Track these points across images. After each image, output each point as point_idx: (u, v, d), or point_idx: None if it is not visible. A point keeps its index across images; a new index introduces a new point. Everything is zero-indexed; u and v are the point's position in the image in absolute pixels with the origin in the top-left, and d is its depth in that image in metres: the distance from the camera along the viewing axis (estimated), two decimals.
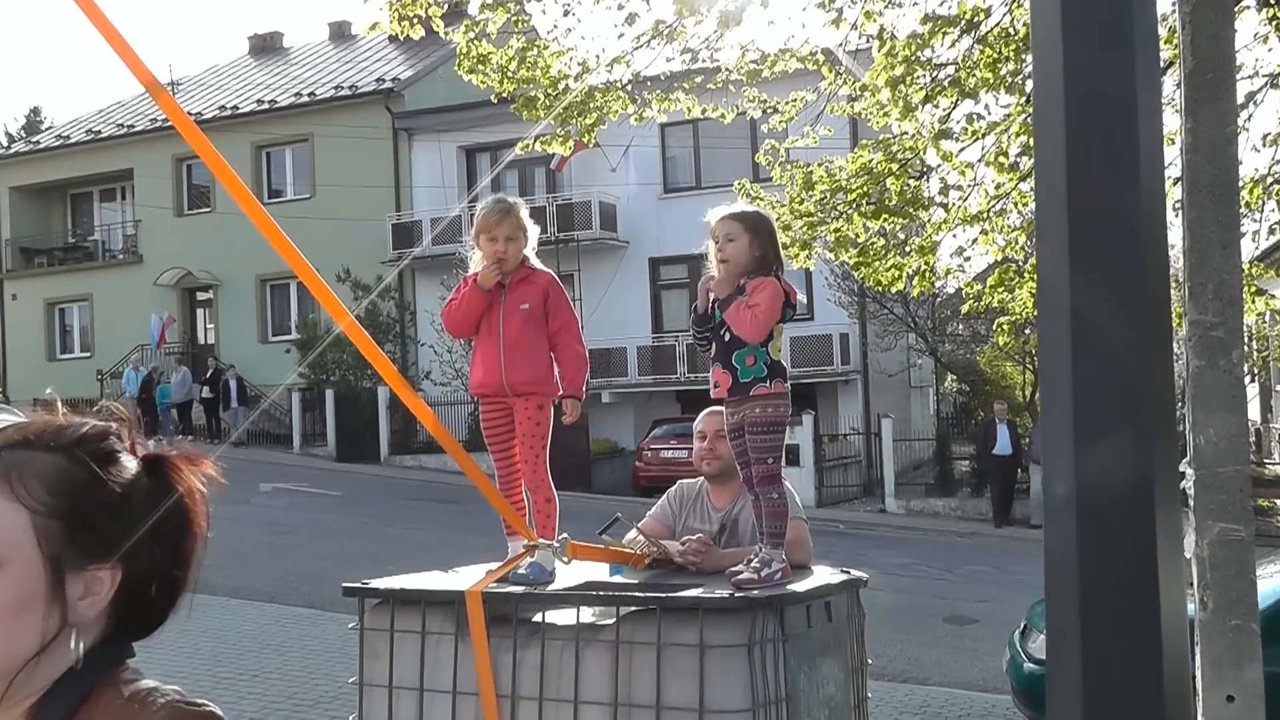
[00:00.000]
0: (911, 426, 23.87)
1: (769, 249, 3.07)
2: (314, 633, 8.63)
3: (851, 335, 22.27)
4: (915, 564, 13.87)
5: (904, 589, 11.68)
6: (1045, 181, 1.03)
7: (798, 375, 21.28)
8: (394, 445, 23.11)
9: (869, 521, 18.26)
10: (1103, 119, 1.00)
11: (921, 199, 7.88)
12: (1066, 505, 0.99)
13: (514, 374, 3.22)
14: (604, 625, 2.87)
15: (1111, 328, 0.94)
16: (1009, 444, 17.69)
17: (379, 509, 16.57)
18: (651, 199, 23.57)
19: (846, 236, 8.05)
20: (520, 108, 7.52)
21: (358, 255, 24.09)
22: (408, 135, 25.80)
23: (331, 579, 9.00)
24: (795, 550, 3.23)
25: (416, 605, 3.05)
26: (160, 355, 26.38)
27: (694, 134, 23.50)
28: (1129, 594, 0.99)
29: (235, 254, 25.36)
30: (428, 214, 24.58)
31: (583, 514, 5.43)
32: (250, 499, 16.29)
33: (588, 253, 23.57)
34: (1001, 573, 13.46)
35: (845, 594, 3.20)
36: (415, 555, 9.45)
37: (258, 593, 9.96)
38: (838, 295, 21.37)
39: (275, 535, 13.31)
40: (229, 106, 27.63)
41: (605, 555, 3.32)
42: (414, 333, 24.91)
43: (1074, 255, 0.97)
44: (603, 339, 22.98)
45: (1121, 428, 0.96)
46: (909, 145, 7.58)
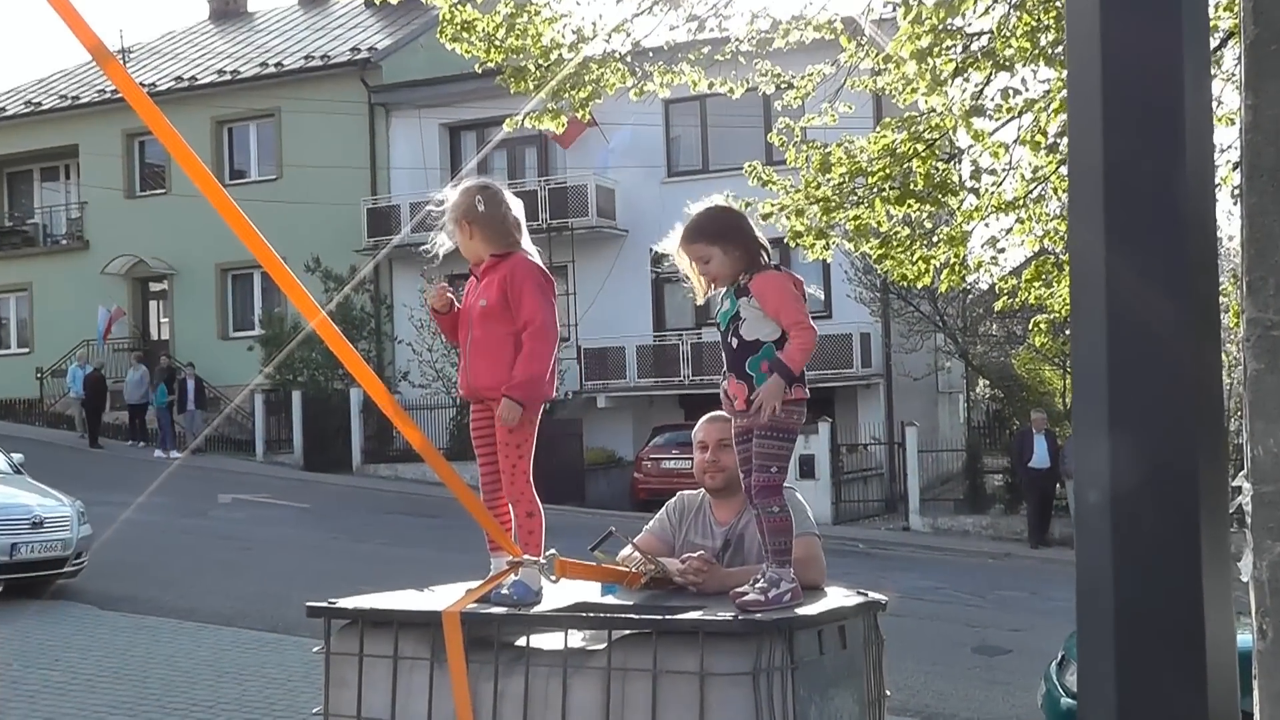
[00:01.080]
0: (939, 436, 23.87)
1: (748, 243, 3.05)
2: (276, 659, 8.62)
3: (873, 335, 22.28)
4: (942, 588, 13.86)
5: (929, 615, 11.67)
6: (1079, 156, 1.03)
7: (813, 379, 21.15)
8: (368, 453, 23.12)
9: (891, 541, 18.25)
10: (1144, 88, 0.99)
11: (951, 184, 7.88)
12: (1100, 515, 0.99)
13: (476, 377, 3.23)
14: (595, 650, 2.86)
15: (1153, 316, 0.93)
16: (1046, 456, 17.69)
17: (350, 523, 16.56)
18: (654, 183, 23.58)
19: (868, 225, 8.05)
20: (508, 79, 7.53)
21: (329, 243, 24.10)
22: (385, 111, 25.81)
23: (296, 600, 8.97)
24: (807, 569, 3.22)
25: (388, 627, 3.04)
26: (108, 351, 26.38)
27: (700, 112, 23.51)
28: (1169, 616, 0.98)
29: (192, 241, 25.36)
30: (407, 198, 24.58)
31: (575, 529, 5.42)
32: (207, 511, 16.28)
33: (583, 242, 23.57)
34: (1038, 598, 13.45)
35: (862, 618, 3.19)
36: (391, 574, 9.42)
37: (214, 615, 9.96)
38: (858, 291, 21.39)
39: (234, 552, 13.30)
40: (187, 77, 27.65)
41: (597, 574, 3.31)
42: (390, 329, 24.92)
43: (1110, 236, 0.96)
44: (598, 337, 22.99)
45: (1163, 428, 0.95)
46: (937, 124, 7.58)
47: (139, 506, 13.61)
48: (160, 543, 13.21)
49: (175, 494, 15.99)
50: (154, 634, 9.30)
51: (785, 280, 3.02)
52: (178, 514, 15.13)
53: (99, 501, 13.42)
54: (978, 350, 24.18)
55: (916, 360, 22.51)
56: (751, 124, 21.14)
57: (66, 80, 30.42)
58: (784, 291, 2.98)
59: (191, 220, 23.95)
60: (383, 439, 23.23)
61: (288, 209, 23.76)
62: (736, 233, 3.07)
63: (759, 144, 19.06)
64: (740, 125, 21.58)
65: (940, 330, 22.35)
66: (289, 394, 23.64)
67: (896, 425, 21.80)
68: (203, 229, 23.07)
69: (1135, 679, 1.01)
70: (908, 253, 8.17)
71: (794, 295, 2.99)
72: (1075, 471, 1.06)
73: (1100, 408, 0.98)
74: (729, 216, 3.11)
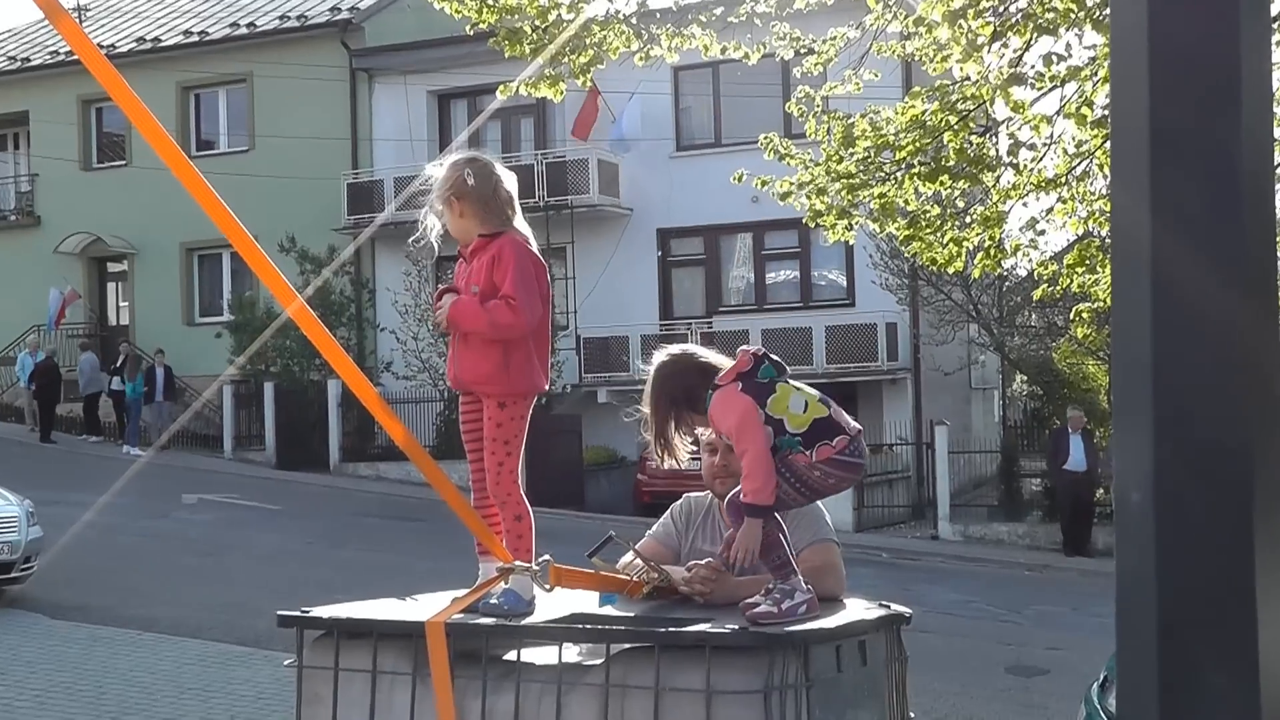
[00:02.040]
0: (972, 436, 23.86)
1: (677, 387, 3.11)
2: (244, 674, 8.64)
3: (900, 325, 22.27)
4: (973, 601, 13.86)
5: (959, 631, 11.68)
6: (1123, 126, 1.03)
7: (834, 372, 21.34)
8: (346, 450, 23.15)
9: (918, 550, 18.25)
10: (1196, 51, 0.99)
11: (986, 159, 7.88)
12: (1143, 518, 0.98)
13: (462, 369, 3.25)
14: (592, 666, 2.87)
15: (1204, 301, 0.93)
16: (1083, 458, 17.65)
17: (327, 527, 16.59)
18: (661, 158, 23.56)
19: (894, 203, 8.05)
20: (503, 42, 7.52)
21: (306, 221, 24.11)
22: (368, 76, 25.80)
23: (267, 610, 8.97)
24: (824, 578, 3.23)
25: (367, 639, 3.04)
26: (60, 338, 26.42)
27: (713, 79, 23.47)
28: (1219, 629, 0.97)
29: (154, 217, 25.37)
30: (391, 173, 24.58)
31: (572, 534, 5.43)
32: (170, 513, 16.31)
33: (584, 222, 23.57)
34: (1079, 614, 13.45)
35: (884, 633, 3.19)
36: (371, 582, 9.45)
37: (177, 625, 9.99)
38: (883, 276, 21.37)
39: (199, 557, 13.33)
40: (149, 38, 27.65)
41: (595, 582, 3.32)
42: (373, 315, 24.95)
43: (1157, 214, 0.96)
44: (600, 326, 23.00)
45: (1213, 422, 0.95)
46: (972, 93, 7.57)
47: (95, 507, 13.65)
48: (118, 546, 13.24)
49: (134, 494, 16.02)
50: (110, 646, 9.32)
51: (727, 398, 3.02)
52: (137, 515, 15.16)
53: (51, 501, 13.45)
54: (1015, 342, 24.13)
55: (947, 353, 22.48)
56: (768, 93, 21.11)
57: (15, 40, 30.41)
58: (734, 420, 3.00)
59: (154, 195, 23.92)
60: (363, 435, 23.25)
61: (260, 183, 23.76)
62: (669, 380, 3.16)
63: (776, 115, 19.04)
64: (756, 94, 21.54)
65: (974, 320, 22.32)
66: (260, 385, 23.67)
67: (925, 424, 21.78)
68: (166, 204, 22.98)
69: (1181, 699, 1.01)
70: (938, 234, 8.17)
71: (741, 424, 2.98)
72: (1116, 470, 1.06)
73: (1144, 400, 0.97)
74: (665, 370, 3.19)
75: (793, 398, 3.04)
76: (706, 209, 22.78)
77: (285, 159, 24.89)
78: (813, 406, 3.05)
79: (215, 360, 23.77)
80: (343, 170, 25.17)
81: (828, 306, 23.01)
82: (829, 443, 2.99)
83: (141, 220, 26.11)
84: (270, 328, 20.91)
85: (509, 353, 3.23)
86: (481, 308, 3.17)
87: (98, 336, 27.04)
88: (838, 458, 3.00)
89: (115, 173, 27.09)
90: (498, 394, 3.22)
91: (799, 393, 3.07)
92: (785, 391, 3.05)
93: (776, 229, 22.77)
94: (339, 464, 22.95)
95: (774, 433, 2.98)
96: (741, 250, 24.07)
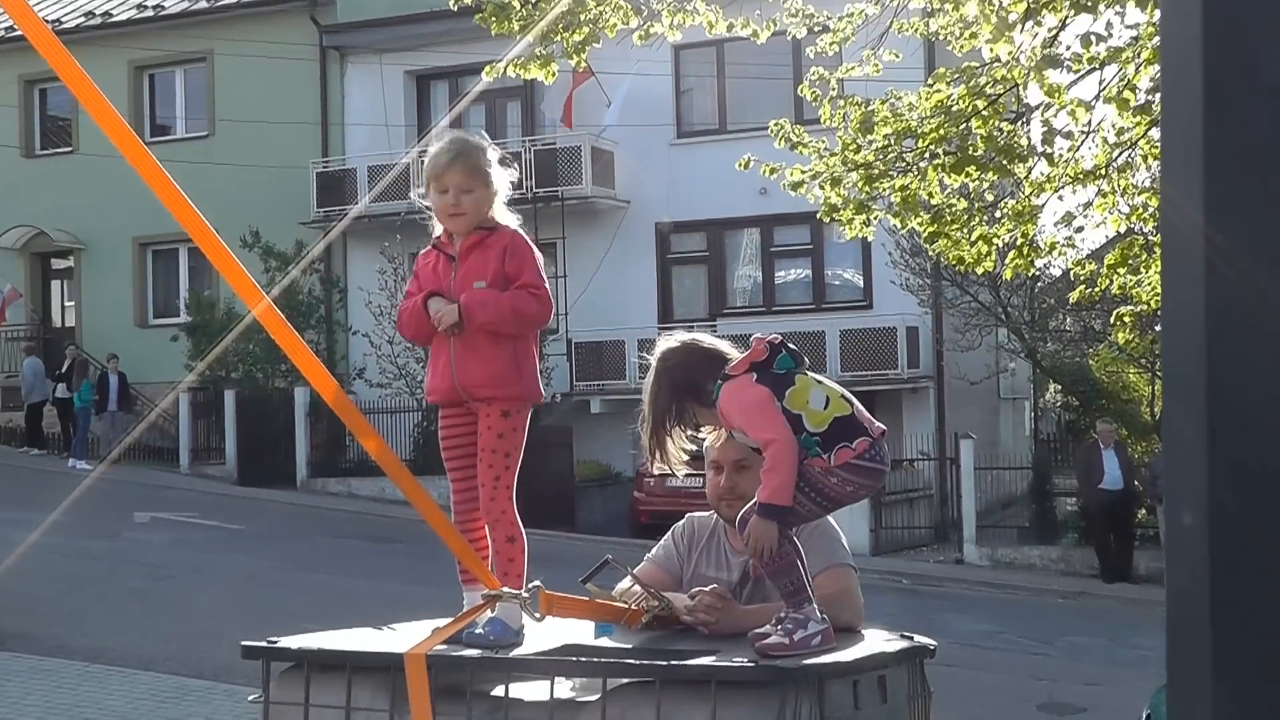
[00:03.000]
0: (1000, 451, 23.88)
1: (681, 376, 3.10)
2: (202, 710, 8.63)
3: (921, 329, 22.30)
4: (1002, 632, 13.87)
5: (986, 665, 11.68)
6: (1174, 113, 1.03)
7: (849, 381, 21.34)
8: (315, 464, 23.14)
9: (941, 575, 18.26)
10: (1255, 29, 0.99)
11: (1018, 148, 7.89)
12: (1196, 541, 0.99)
13: (467, 374, 3.24)
14: (586, 702, 2.86)
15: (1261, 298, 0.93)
16: (1119, 475, 17.66)
17: (294, 549, 16.58)
18: (660, 145, 23.60)
19: (917, 196, 8.06)
20: (489, 19, 7.53)
21: (271, 214, 24.12)
22: (339, 55, 25.83)
23: (227, 639, 8.97)
24: (840, 607, 3.23)
25: (340, 672, 3.04)
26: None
27: (717, 60, 23.51)
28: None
29: (104, 209, 25.38)
30: (365, 161, 24.60)
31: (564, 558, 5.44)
32: (121, 532, 16.29)
33: (576, 215, 23.59)
34: (1118, 646, 13.46)
35: (906, 667, 3.20)
36: (343, 611, 9.42)
37: (128, 657, 9.97)
38: (904, 276, 21.40)
39: (153, 581, 13.31)
40: (100, 12, 27.66)
41: (590, 610, 3.32)
42: (344, 317, 24.96)
43: (1211, 210, 0.96)
44: (593, 329, 23.01)
45: (1274, 434, 0.95)
46: (1002, 76, 7.58)
47: (39, 527, 13.63)
48: (62, 570, 13.21)
49: (82, 512, 15.99)
50: (54, 679, 9.30)
51: (739, 388, 3.01)
52: (84, 536, 15.14)
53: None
54: (1048, 349, 24.14)
55: (974, 360, 22.51)
56: (778, 75, 21.14)
57: None
58: (738, 408, 2.99)
59: (103, 184, 23.94)
60: (333, 448, 23.23)
61: (221, 172, 23.77)
62: (675, 371, 3.16)
63: (787, 99, 19.06)
64: (765, 76, 21.57)
65: (1003, 324, 22.35)
66: (221, 393, 23.65)
67: (949, 437, 21.81)
68: (117, 195, 23.03)
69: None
70: (964, 230, 8.19)
71: (750, 411, 2.97)
72: (1166, 489, 1.06)
73: (1196, 412, 0.98)
74: (667, 361, 3.18)
75: (813, 391, 2.99)
76: (710, 201, 22.81)
77: (248, 146, 24.91)
78: (834, 403, 3.00)
79: (170, 366, 23.76)
80: (311, 158, 25.18)
81: (843, 309, 23.02)
82: (849, 445, 2.95)
83: (89, 212, 26.11)
84: (233, 330, 20.92)
85: (519, 354, 3.27)
86: (503, 297, 3.19)
87: (41, 340, 27.00)
88: (857, 462, 2.96)
89: (60, 160, 27.09)
90: (506, 399, 3.25)
91: (820, 386, 3.02)
92: (805, 384, 3.00)
93: (786, 224, 22.80)
94: (307, 480, 22.93)
95: (791, 430, 2.94)
96: (748, 247, 24.10)
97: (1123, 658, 12.73)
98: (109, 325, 26.49)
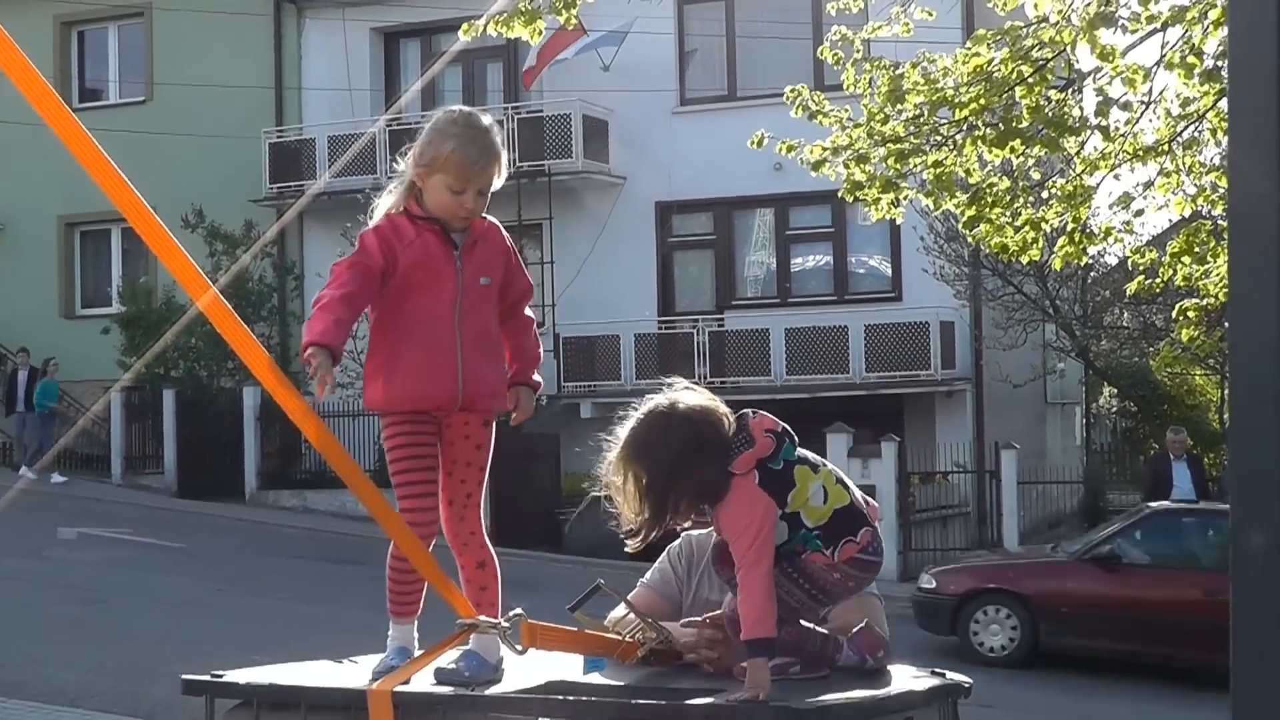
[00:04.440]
0: (1047, 462, 23.91)
1: (692, 478, 3.11)
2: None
3: (958, 325, 22.30)
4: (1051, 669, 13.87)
5: (1031, 708, 11.68)
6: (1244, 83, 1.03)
7: (875, 383, 21.36)
8: (266, 475, 23.13)
9: None
10: None
11: (1068, 120, 7.90)
12: (1267, 565, 0.99)
13: (478, 383, 3.29)
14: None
15: None
16: (1191, 489, 17.66)
17: (241, 570, 16.57)
18: (661, 114, 23.59)
19: (952, 174, 8.06)
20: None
21: (216, 190, 24.11)
22: (296, 11, 25.83)
23: (165, 672, 8.96)
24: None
25: (294, 711, 3.05)
26: None
27: (726, 16, 23.52)
28: None
29: (26, 185, 25.35)
30: (325, 130, 24.58)
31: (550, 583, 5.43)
32: (43, 550, 16.27)
33: (565, 193, 23.59)
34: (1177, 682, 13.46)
35: (937, 708, 3.20)
36: (297, 640, 9.41)
37: (51, 691, 9.96)
38: (937, 264, 21.41)
39: (80, 605, 13.30)
40: None
41: (578, 642, 3.33)
42: (299, 308, 24.93)
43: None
44: (584, 322, 23.01)
45: None
46: (1050, 38, 7.59)
47: None
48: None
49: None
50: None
51: (739, 498, 3.07)
52: (0, 554, 15.14)
53: None
54: (1102, 347, 24.19)
55: (1017, 360, 22.53)
56: (795, 34, 21.15)
57: None
58: (740, 524, 3.06)
59: (24, 157, 23.92)
60: (286, 457, 23.22)
61: (160, 143, 23.76)
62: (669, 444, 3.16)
63: (805, 62, 19.06)
64: (780, 36, 21.57)
65: (1051, 320, 22.38)
66: (158, 393, 23.62)
67: (988, 447, 21.82)
68: (40, 169, 23.03)
69: None
70: (1007, 212, 8.19)
71: (757, 524, 3.05)
72: (1233, 506, 1.07)
73: (1268, 420, 0.98)
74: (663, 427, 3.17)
75: (811, 486, 3.12)
76: (717, 178, 22.81)
77: (191, 112, 24.88)
78: (833, 493, 3.14)
79: (101, 362, 23.71)
80: (264, 127, 25.15)
81: (868, 300, 23.03)
82: (853, 538, 3.11)
83: (8, 187, 26.10)
84: (176, 325, 20.89)
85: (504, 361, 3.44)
86: (536, 348, 3.48)
87: None
88: (861, 556, 3.12)
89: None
90: (495, 408, 3.36)
91: (815, 476, 3.14)
92: (804, 478, 3.12)
93: (804, 203, 22.80)
94: (256, 492, 22.93)
95: (788, 529, 3.08)
96: (760, 230, 24.10)
97: (1183, 698, 12.72)
98: (31, 315, 26.41)
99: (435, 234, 3.27)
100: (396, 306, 3.27)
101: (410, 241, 3.25)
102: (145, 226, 2.74)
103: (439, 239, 3.27)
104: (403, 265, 3.24)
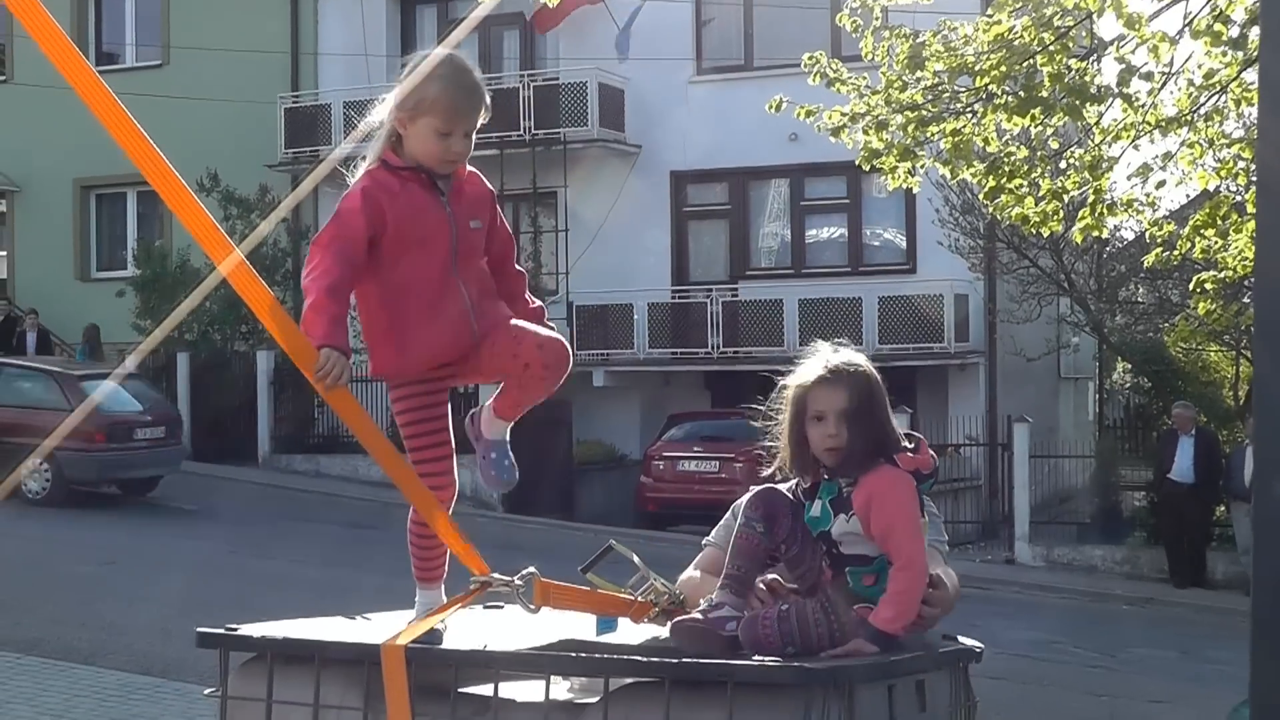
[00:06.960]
0: (1060, 437, 23.88)
1: (882, 421, 3.20)
2: (149, 710, 8.67)
3: (972, 298, 22.26)
4: (1058, 641, 13.88)
5: (1039, 677, 11.70)
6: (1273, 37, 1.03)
7: (888, 355, 21.34)
8: (280, 439, 23.19)
9: (989, 577, 18.25)
10: None
11: (1090, 89, 7.85)
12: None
13: (486, 317, 3.26)
14: (586, 704, 2.87)
15: None
16: (1190, 467, 17.55)
17: (254, 532, 16.63)
18: (678, 83, 23.51)
19: (971, 143, 8.03)
20: None
21: (231, 155, 24.08)
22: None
23: (179, 632, 9.00)
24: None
25: (308, 664, 3.05)
26: None
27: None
28: None
29: (42, 146, 25.36)
30: (340, 95, 24.52)
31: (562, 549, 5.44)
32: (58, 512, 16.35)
33: (580, 160, 23.54)
34: (1189, 659, 13.48)
35: (948, 672, 3.21)
36: (308, 601, 9.44)
37: (66, 649, 10.02)
38: (952, 236, 21.33)
39: (95, 566, 13.37)
40: None
41: (591, 602, 3.32)
42: None
43: None
44: (597, 291, 22.99)
45: None
46: (1073, 4, 7.54)
47: None
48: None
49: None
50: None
51: (898, 484, 3.09)
52: (13, 516, 15.21)
53: None
54: (1117, 322, 24.09)
55: (1031, 333, 22.46)
56: (814, 2, 21.05)
57: None
58: (908, 505, 3.07)
59: (41, 119, 23.91)
60: (300, 421, 23.26)
61: (175, 107, 23.70)
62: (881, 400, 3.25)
63: (823, 29, 18.99)
64: (798, 4, 21.47)
65: (1065, 294, 22.29)
66: (172, 357, 23.65)
67: (1001, 421, 21.79)
68: (57, 131, 23.03)
69: None
70: (1026, 183, 8.15)
71: (915, 513, 3.08)
72: (1257, 457, 1.06)
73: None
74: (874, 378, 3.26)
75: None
76: (733, 147, 22.74)
77: (207, 77, 24.83)
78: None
79: (117, 325, 23.73)
80: (280, 92, 25.13)
81: (882, 272, 22.98)
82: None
83: (25, 150, 26.08)
84: (198, 288, 20.86)
85: None
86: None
87: None
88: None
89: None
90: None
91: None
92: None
93: (820, 174, 22.73)
94: (270, 455, 22.99)
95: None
96: (775, 200, 24.04)
97: (1195, 673, 12.73)
98: (45, 277, 26.49)
99: (419, 182, 3.18)
100: (392, 264, 3.17)
101: (395, 194, 3.15)
102: (170, 191, 2.73)
103: (424, 188, 3.18)
104: (392, 221, 3.13)
